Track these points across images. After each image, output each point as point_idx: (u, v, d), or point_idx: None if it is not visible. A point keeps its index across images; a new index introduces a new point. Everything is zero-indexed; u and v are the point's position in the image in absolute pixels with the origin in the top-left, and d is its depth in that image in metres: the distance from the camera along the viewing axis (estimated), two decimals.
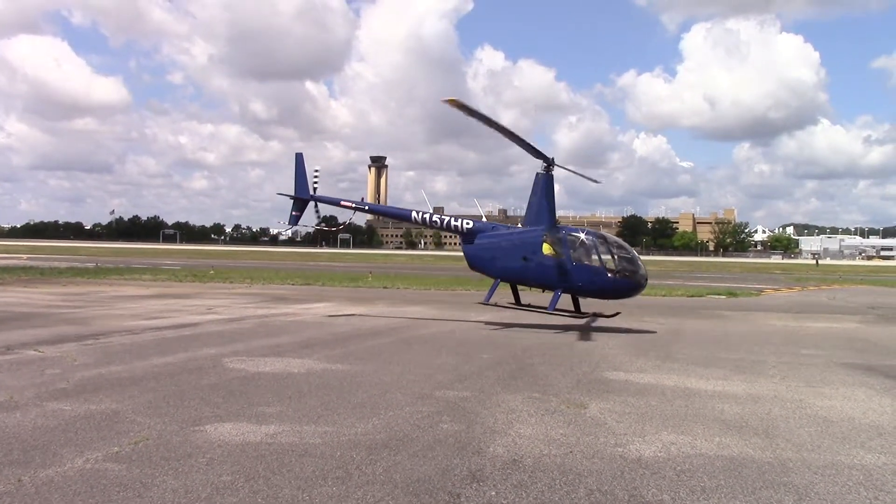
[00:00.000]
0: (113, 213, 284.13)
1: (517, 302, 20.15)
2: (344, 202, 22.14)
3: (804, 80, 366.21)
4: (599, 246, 18.94)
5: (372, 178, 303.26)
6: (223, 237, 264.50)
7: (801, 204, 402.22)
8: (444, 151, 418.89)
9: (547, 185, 19.31)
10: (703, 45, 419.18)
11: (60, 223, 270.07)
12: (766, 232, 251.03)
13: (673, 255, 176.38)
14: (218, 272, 42.46)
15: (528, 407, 9.15)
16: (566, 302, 19.28)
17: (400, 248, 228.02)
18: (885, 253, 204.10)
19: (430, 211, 22.24)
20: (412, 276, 45.53)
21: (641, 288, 19.10)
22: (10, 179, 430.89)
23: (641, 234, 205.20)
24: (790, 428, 8.45)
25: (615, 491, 6.08)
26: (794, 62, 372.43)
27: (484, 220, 22.44)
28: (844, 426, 8.62)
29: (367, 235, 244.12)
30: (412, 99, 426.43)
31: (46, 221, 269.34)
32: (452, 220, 21.16)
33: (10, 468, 6.25)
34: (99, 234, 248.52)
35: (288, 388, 10.00)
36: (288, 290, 32.16)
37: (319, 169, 22.76)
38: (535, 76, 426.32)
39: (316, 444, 7.22)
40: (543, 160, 19.21)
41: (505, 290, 20.17)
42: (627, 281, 18.67)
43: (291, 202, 22.16)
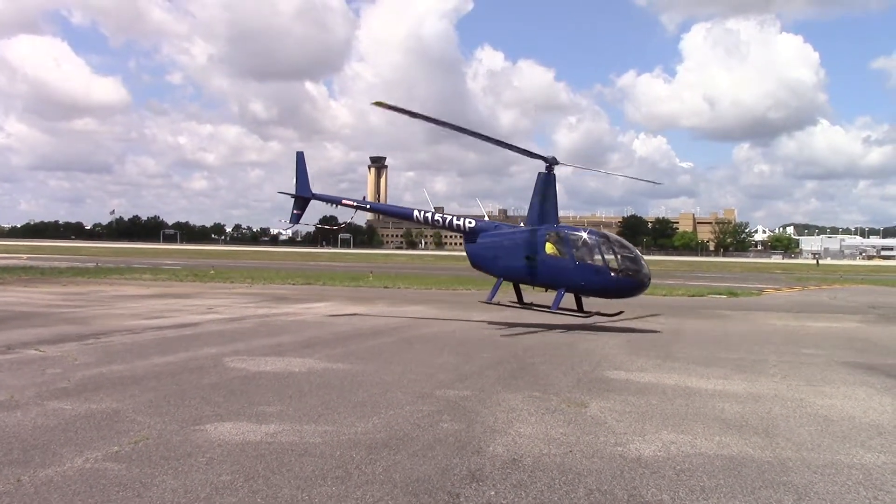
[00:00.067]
0: (113, 213, 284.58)
1: (520, 301, 20.12)
2: (345, 201, 21.97)
3: (804, 80, 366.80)
4: (602, 245, 18.91)
5: (372, 178, 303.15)
6: (223, 237, 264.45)
7: (801, 204, 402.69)
8: (443, 152, 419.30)
9: (549, 184, 19.26)
10: (702, 45, 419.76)
11: (60, 223, 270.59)
12: (766, 232, 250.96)
13: (673, 255, 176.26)
14: (218, 272, 42.46)
15: (528, 406, 9.14)
16: (569, 301, 19.27)
17: (400, 247, 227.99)
18: (885, 253, 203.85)
19: (431, 210, 22.13)
20: (413, 275, 45.51)
21: (645, 287, 19.07)
22: (9, 180, 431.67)
23: (642, 234, 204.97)
24: (790, 427, 8.45)
25: (615, 490, 6.08)
26: (793, 62, 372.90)
27: (486, 219, 22.15)
28: (845, 425, 8.62)
29: (367, 235, 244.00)
30: (412, 99, 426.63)
31: (46, 222, 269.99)
32: (455, 219, 21.08)
33: (9, 467, 6.25)
34: (99, 234, 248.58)
35: (288, 387, 10.00)
36: (288, 289, 32.16)
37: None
38: (534, 76, 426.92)
39: (316, 443, 7.22)
40: (543, 160, 19.20)
41: (507, 288, 20.16)
42: (630, 280, 18.65)
43: (292, 201, 22.18)
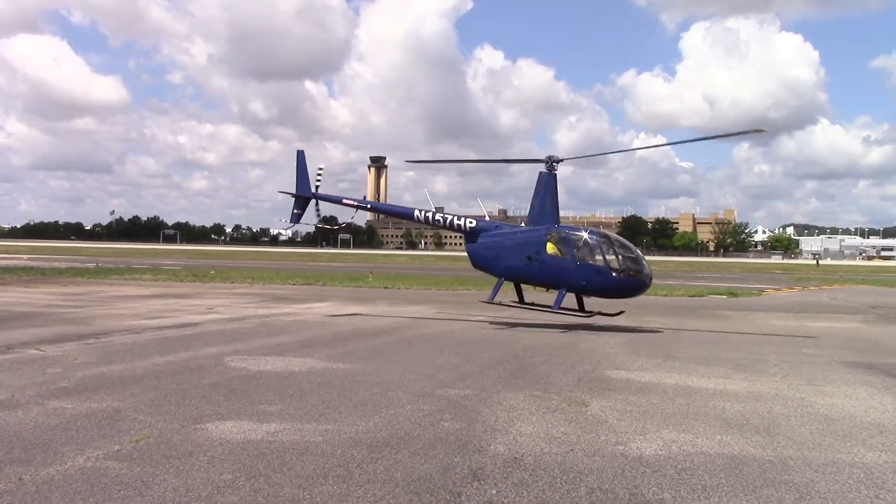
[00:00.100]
0: (113, 213, 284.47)
1: (521, 301, 20.11)
2: (346, 200, 21.87)
3: (804, 79, 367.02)
4: (604, 245, 18.89)
5: (372, 178, 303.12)
6: (223, 237, 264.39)
7: (801, 204, 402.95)
8: (443, 152, 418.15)
9: (550, 183, 19.22)
10: (702, 44, 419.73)
11: (60, 223, 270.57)
12: (766, 232, 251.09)
13: (673, 255, 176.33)
14: (218, 272, 42.45)
15: (529, 405, 9.14)
16: (570, 301, 19.26)
17: (400, 248, 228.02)
18: (885, 253, 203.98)
19: (432, 210, 22.03)
20: (413, 275, 45.53)
21: (646, 287, 19.06)
22: (9, 180, 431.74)
23: (642, 234, 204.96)
24: (791, 426, 8.45)
25: (616, 489, 6.08)
26: (793, 62, 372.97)
27: (487, 219, 22.05)
28: (846, 424, 8.62)
29: (367, 235, 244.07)
30: (412, 99, 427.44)
31: (46, 222, 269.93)
32: (456, 218, 21.01)
33: (11, 466, 6.25)
34: (99, 234, 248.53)
35: (289, 386, 9.99)
36: (288, 289, 32.16)
37: (323, 168, 22.15)
38: (534, 76, 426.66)
39: (317, 442, 7.22)
40: (543, 161, 19.19)
41: (508, 288, 20.15)
42: (632, 280, 18.64)
43: (293, 200, 22.10)
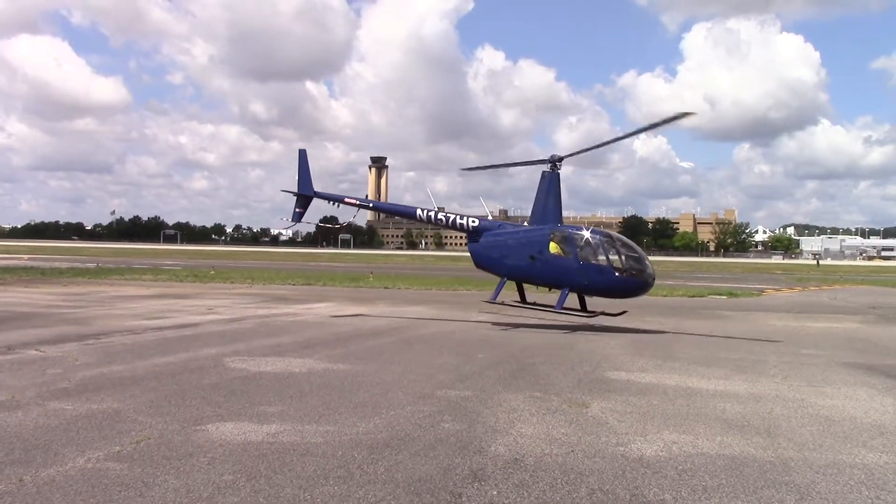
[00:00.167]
0: (113, 213, 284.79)
1: (523, 300, 20.07)
2: (348, 199, 21.70)
3: (804, 80, 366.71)
4: (606, 245, 18.88)
5: (372, 178, 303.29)
6: (224, 237, 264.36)
7: (801, 204, 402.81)
8: (444, 152, 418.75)
9: (553, 183, 19.18)
10: (703, 44, 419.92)
11: (61, 223, 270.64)
12: (766, 232, 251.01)
13: (673, 255, 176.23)
14: (219, 272, 42.46)
15: (529, 406, 9.14)
16: (572, 301, 19.26)
17: (401, 248, 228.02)
18: (885, 253, 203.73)
19: (434, 209, 21.93)
20: (413, 276, 45.52)
21: (649, 287, 19.02)
22: (10, 180, 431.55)
23: (642, 234, 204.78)
24: (792, 427, 8.45)
25: (617, 490, 6.08)
26: (794, 62, 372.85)
27: (489, 218, 21.94)
28: (846, 425, 8.62)
29: (367, 236, 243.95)
30: (412, 99, 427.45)
31: (47, 222, 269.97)
32: (458, 217, 20.88)
33: (11, 467, 6.25)
34: (100, 234, 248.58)
35: (289, 387, 9.99)
36: (289, 290, 32.16)
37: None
38: (535, 76, 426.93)
39: (317, 443, 7.22)
40: (547, 162, 19.17)
41: (510, 288, 20.15)
42: (635, 280, 18.62)
43: (294, 200, 22.06)
